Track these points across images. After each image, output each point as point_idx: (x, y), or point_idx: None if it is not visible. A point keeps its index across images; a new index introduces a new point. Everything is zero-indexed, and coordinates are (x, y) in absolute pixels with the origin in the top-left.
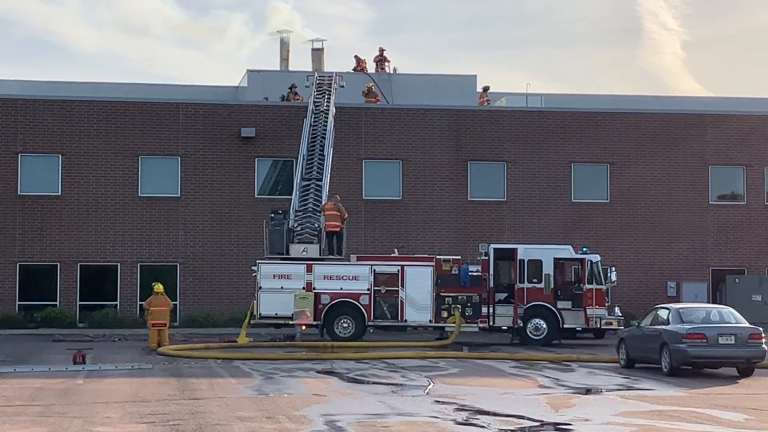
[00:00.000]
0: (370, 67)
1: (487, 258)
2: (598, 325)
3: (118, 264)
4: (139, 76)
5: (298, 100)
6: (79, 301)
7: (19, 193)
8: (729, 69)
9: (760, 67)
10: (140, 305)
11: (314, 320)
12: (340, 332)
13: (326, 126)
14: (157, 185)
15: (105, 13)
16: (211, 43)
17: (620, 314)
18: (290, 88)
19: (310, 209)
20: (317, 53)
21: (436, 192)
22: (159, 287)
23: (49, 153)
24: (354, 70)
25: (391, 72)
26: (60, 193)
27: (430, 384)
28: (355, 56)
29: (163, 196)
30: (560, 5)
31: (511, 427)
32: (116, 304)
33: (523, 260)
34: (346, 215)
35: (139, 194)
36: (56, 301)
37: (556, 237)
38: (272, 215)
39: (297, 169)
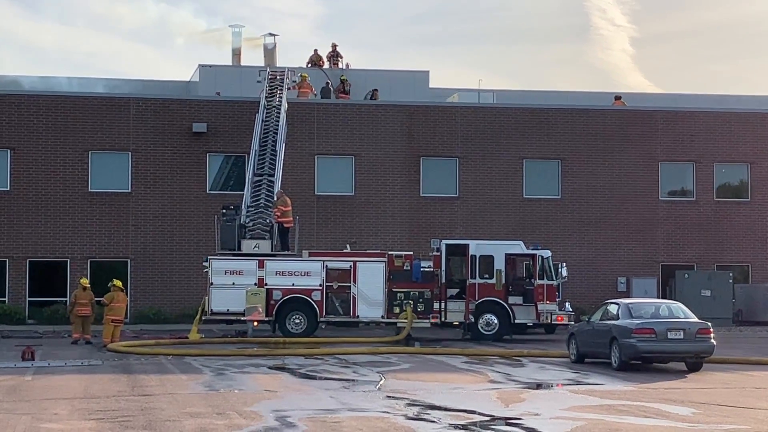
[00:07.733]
0: (324, 63)
1: (438, 254)
2: (549, 321)
3: (68, 260)
4: (88, 70)
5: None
6: (29, 297)
7: None
8: (677, 65)
9: (708, 64)
10: (98, 300)
11: (266, 316)
12: (292, 328)
13: (278, 121)
14: (108, 181)
15: (50, 6)
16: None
17: (571, 309)
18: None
19: (261, 205)
20: (269, 48)
21: (389, 188)
22: (118, 283)
23: None
24: (309, 62)
25: (344, 67)
26: (9, 189)
27: (381, 379)
28: (315, 50)
29: (113, 192)
30: (510, 1)
31: (462, 422)
32: (66, 300)
33: (475, 256)
34: None
35: (89, 190)
36: (5, 297)
37: (508, 233)
38: (224, 211)
39: (249, 165)
